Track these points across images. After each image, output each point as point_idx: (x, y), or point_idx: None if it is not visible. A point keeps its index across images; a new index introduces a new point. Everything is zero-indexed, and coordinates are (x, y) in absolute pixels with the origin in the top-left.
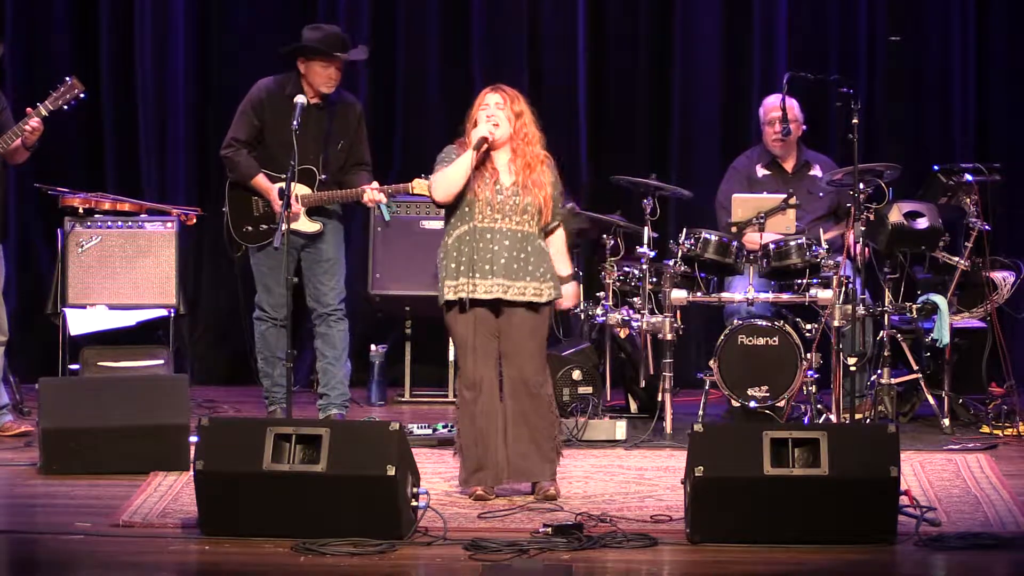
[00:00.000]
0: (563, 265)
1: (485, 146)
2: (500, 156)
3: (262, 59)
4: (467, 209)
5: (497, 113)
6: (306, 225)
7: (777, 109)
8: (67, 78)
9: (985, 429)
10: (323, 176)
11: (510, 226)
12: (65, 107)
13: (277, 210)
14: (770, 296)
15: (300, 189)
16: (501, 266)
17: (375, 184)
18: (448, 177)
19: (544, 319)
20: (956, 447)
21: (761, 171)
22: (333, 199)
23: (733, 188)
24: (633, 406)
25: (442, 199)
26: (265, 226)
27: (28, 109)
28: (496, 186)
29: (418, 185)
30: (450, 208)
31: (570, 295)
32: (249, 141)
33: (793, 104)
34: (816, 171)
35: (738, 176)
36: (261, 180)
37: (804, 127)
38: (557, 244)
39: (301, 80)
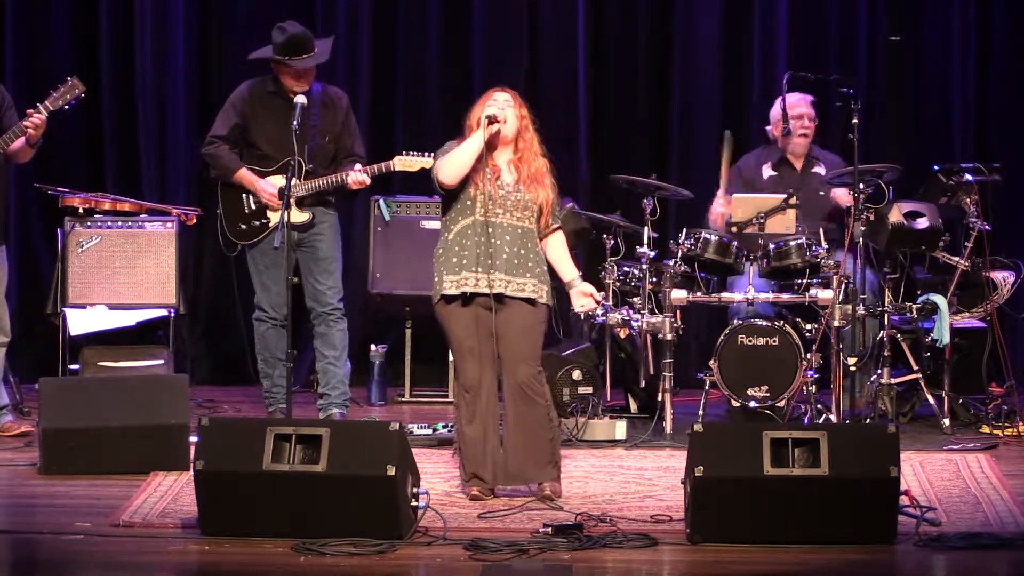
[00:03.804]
0: (569, 266)
1: (496, 126)
2: (501, 155)
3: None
4: (468, 203)
5: (506, 109)
6: (295, 215)
7: (805, 105)
8: (68, 78)
9: (985, 429)
10: (309, 166)
11: (511, 221)
12: (66, 107)
13: (265, 200)
14: (770, 296)
15: (281, 181)
16: (503, 261)
17: (358, 166)
18: (457, 157)
19: (540, 320)
20: (956, 447)
21: (768, 172)
22: (320, 187)
23: (735, 190)
24: (633, 406)
25: (449, 181)
26: (258, 222)
27: (28, 110)
28: (497, 182)
29: (399, 162)
30: (448, 203)
31: (589, 291)
32: (230, 137)
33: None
34: (819, 168)
35: (741, 179)
36: (244, 174)
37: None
38: (559, 246)
39: (278, 80)
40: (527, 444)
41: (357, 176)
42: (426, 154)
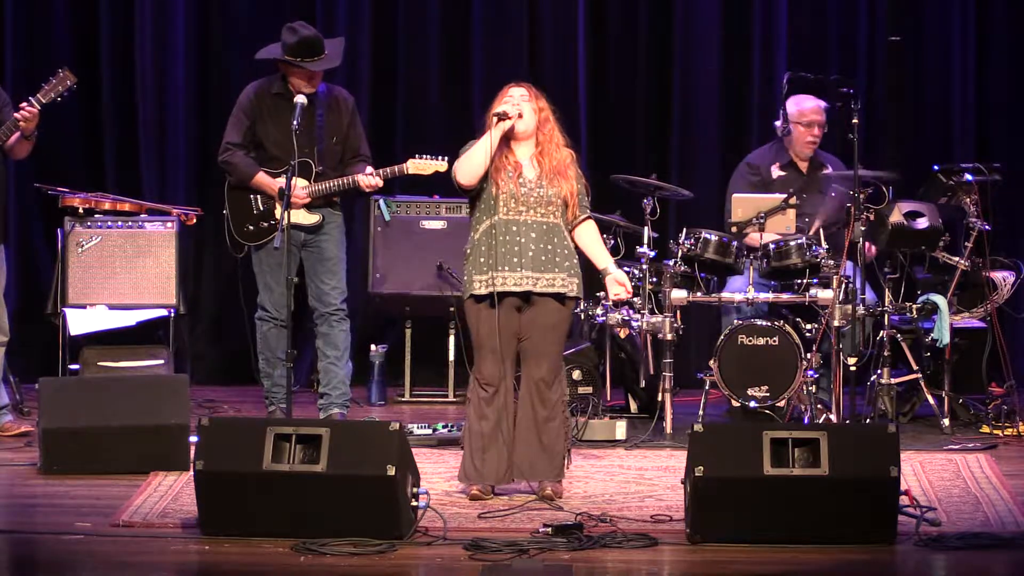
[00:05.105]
0: (602, 254)
1: (509, 122)
2: (523, 150)
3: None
4: (491, 203)
5: (522, 104)
6: (305, 217)
7: (819, 113)
8: (59, 70)
9: (985, 429)
10: (319, 168)
11: (535, 218)
12: (58, 99)
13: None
14: (770, 296)
15: (298, 182)
16: (529, 259)
17: (370, 169)
18: (471, 157)
19: (567, 316)
20: (956, 447)
21: (776, 172)
22: (331, 189)
23: (743, 186)
24: (633, 406)
25: (466, 181)
26: (266, 223)
27: (22, 104)
28: (520, 179)
29: (412, 165)
30: (474, 203)
31: (622, 280)
32: (243, 143)
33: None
34: (827, 171)
35: (751, 173)
36: (262, 177)
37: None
38: (591, 235)
39: (286, 81)
40: (540, 441)
41: (370, 180)
42: (439, 157)
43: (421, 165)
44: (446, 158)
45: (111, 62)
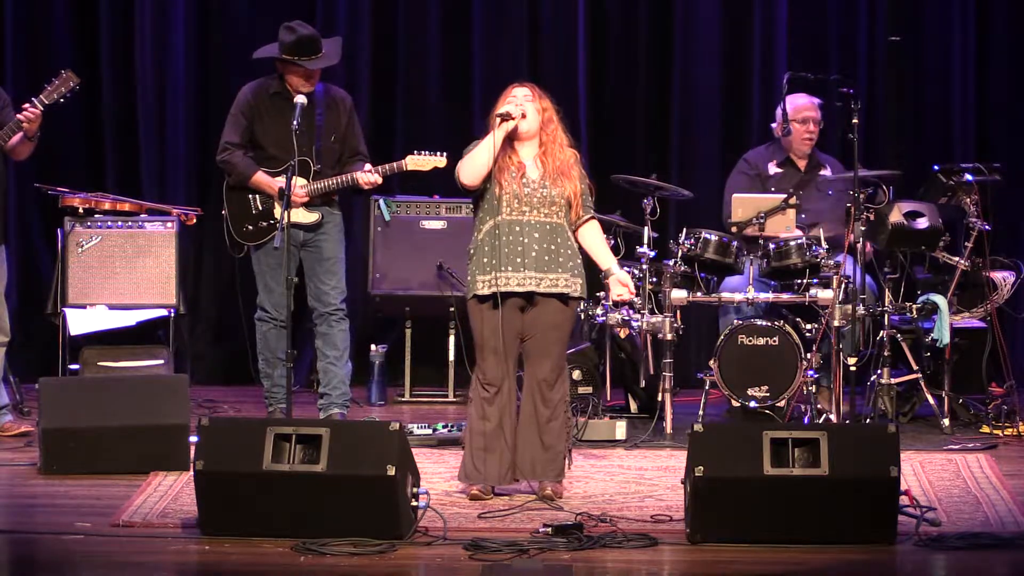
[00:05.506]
0: (605, 255)
1: (512, 123)
2: (527, 150)
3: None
4: (494, 203)
5: (525, 104)
6: (304, 216)
7: (813, 109)
8: (62, 71)
9: (985, 429)
10: (318, 166)
11: (538, 218)
12: (61, 100)
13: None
14: (770, 296)
15: (297, 181)
16: (532, 259)
17: (368, 166)
18: (474, 158)
19: (571, 317)
20: (956, 447)
21: (773, 168)
22: (331, 187)
23: (741, 181)
24: (633, 406)
25: (469, 181)
26: (265, 223)
27: (25, 105)
28: (523, 179)
29: (411, 161)
30: (477, 203)
31: (625, 280)
32: (242, 143)
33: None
34: (827, 172)
35: (748, 168)
36: (261, 177)
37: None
38: (594, 235)
39: (283, 80)
40: (541, 441)
41: (369, 177)
42: (438, 153)
43: (420, 161)
44: (445, 154)
45: (111, 62)
